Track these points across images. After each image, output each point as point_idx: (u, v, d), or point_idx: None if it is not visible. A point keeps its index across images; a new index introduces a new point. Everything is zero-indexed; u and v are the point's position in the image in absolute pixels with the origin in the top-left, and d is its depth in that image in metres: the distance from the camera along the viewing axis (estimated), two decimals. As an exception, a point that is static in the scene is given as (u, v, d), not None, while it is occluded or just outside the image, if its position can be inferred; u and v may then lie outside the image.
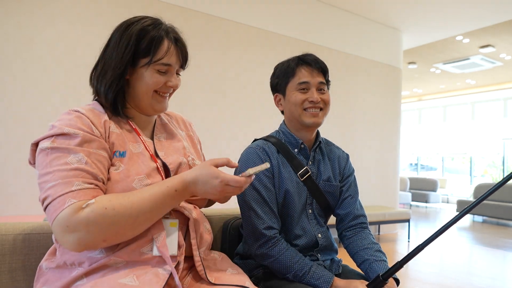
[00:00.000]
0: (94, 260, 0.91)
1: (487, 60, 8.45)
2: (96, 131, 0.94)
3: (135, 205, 0.87)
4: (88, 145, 0.91)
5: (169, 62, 1.02)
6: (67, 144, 0.89)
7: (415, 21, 6.05)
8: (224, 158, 0.99)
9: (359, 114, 5.82)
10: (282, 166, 1.37)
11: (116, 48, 0.99)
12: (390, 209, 5.53)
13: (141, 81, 1.01)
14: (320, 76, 1.39)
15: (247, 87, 4.57)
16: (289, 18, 5.02)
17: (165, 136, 1.12)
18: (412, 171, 14.64)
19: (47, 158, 0.88)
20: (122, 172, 0.94)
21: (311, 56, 1.40)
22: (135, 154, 0.99)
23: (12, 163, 3.14)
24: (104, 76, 1.00)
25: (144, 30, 1.00)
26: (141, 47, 0.99)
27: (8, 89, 3.14)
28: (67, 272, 0.94)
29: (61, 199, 0.83)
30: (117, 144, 0.97)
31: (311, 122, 1.37)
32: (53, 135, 0.90)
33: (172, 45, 1.03)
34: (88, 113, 0.97)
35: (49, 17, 3.33)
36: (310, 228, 1.38)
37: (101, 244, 0.87)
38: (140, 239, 0.93)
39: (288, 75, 1.39)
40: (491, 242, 6.03)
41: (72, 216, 0.82)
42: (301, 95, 1.37)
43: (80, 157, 0.88)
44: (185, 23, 4.08)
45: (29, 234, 1.13)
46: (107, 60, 1.00)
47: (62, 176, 0.85)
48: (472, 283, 3.71)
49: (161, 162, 1.03)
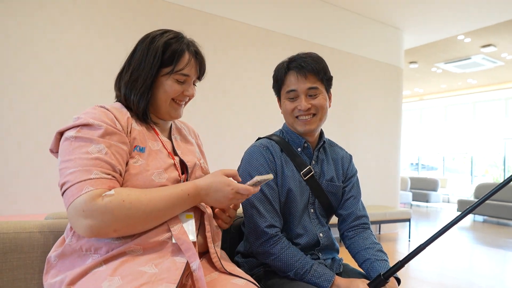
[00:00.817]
0: (112, 246, 0.94)
1: (489, 59, 8.43)
2: (119, 126, 1.00)
3: (151, 202, 0.93)
4: (109, 137, 0.97)
5: (188, 73, 1.10)
6: (90, 134, 0.95)
7: (416, 20, 6.04)
8: (233, 170, 1.08)
9: (360, 113, 5.81)
10: (285, 165, 1.36)
11: (144, 59, 1.08)
12: (390, 209, 5.53)
13: (161, 89, 1.09)
14: (308, 80, 1.32)
15: (247, 86, 4.57)
16: (290, 17, 5.02)
17: (180, 138, 1.21)
18: (413, 170, 14.63)
19: (71, 146, 0.94)
20: (142, 166, 1.00)
21: (299, 60, 1.34)
22: (154, 151, 1.05)
23: (12, 162, 3.14)
24: (134, 85, 1.08)
25: (167, 43, 1.08)
26: (165, 58, 1.08)
27: (8, 88, 3.14)
28: (79, 260, 0.95)
29: (79, 185, 0.88)
30: (138, 139, 1.04)
31: (303, 130, 1.37)
32: (78, 125, 0.96)
33: (192, 57, 1.11)
34: (112, 109, 1.04)
35: (49, 16, 3.33)
36: (312, 228, 1.38)
37: (111, 234, 0.91)
38: (158, 228, 0.97)
39: (279, 83, 1.39)
40: (492, 241, 6.02)
41: (90, 202, 0.87)
42: (291, 104, 1.36)
43: (101, 147, 0.94)
44: (185, 22, 4.08)
45: (30, 232, 1.13)
46: (135, 70, 1.08)
47: (82, 164, 0.91)
48: (472, 282, 3.71)
49: (178, 159, 1.11)
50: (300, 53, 1.38)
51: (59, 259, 0.98)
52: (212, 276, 1.04)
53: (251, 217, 1.28)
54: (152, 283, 0.88)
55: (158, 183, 1.01)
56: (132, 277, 0.88)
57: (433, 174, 13.83)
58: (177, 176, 1.06)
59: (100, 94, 3.48)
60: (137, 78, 1.07)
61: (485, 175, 13.15)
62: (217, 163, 3.07)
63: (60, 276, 0.95)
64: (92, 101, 3.44)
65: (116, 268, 0.90)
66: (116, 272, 0.89)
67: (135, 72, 1.08)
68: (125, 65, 1.13)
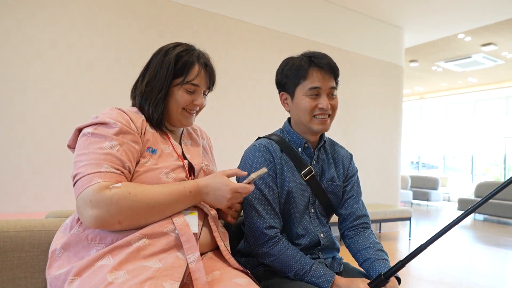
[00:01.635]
0: (117, 236, 0.97)
1: (489, 58, 8.42)
2: (133, 127, 1.07)
3: (155, 196, 0.98)
4: (123, 136, 1.03)
5: (197, 83, 1.16)
6: (106, 132, 1.02)
7: (417, 19, 6.03)
8: (233, 169, 1.12)
9: (361, 112, 5.81)
10: (285, 165, 1.35)
11: (158, 71, 1.14)
12: (391, 207, 5.53)
13: (173, 99, 1.16)
14: (331, 80, 1.33)
15: (247, 85, 4.56)
16: (291, 16, 5.01)
17: (191, 143, 1.28)
18: (414, 169, 14.62)
19: (86, 142, 1.01)
20: (151, 164, 1.06)
21: (325, 59, 1.32)
22: (164, 154, 1.12)
23: (13, 160, 3.14)
24: (149, 96, 1.14)
25: (179, 55, 1.15)
26: (176, 69, 1.14)
27: (8, 86, 3.14)
28: (84, 251, 0.97)
29: (89, 177, 0.94)
30: (151, 141, 1.10)
31: (319, 129, 1.34)
32: (96, 123, 1.03)
33: (202, 69, 1.17)
34: (128, 112, 1.10)
35: (50, 14, 3.33)
36: (312, 228, 1.37)
37: (116, 226, 0.95)
38: (162, 220, 1.01)
39: (300, 77, 1.31)
40: (492, 240, 6.02)
41: (97, 193, 0.92)
42: (311, 101, 1.31)
43: (114, 144, 1.00)
44: (185, 20, 4.08)
45: (31, 231, 1.13)
46: (151, 81, 1.15)
47: (94, 158, 0.97)
48: (473, 281, 3.71)
49: (187, 162, 1.17)
50: (314, 51, 1.35)
51: (64, 251, 0.99)
52: (214, 275, 1.05)
53: (251, 218, 1.27)
54: (157, 278, 0.90)
55: (165, 181, 1.05)
56: (137, 272, 0.90)
57: (434, 173, 13.83)
58: (185, 177, 1.11)
59: (101, 92, 3.48)
60: (152, 89, 1.14)
61: (485, 173, 13.14)
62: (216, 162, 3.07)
63: (65, 268, 0.96)
64: (93, 99, 3.44)
65: (122, 262, 0.91)
66: (121, 266, 0.91)
67: (150, 84, 1.15)
68: (140, 76, 1.20)
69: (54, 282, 0.97)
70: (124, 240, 0.95)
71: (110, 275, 0.89)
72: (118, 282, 0.87)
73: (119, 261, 0.91)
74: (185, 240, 0.98)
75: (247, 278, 1.05)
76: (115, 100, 3.39)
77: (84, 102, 3.41)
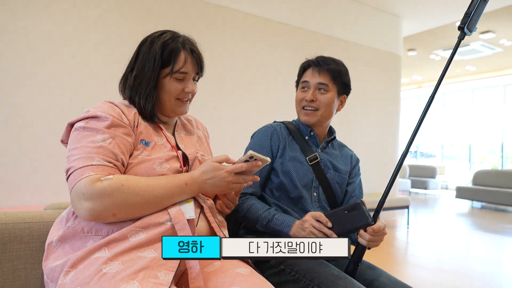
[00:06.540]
0: (112, 228, 0.97)
1: (487, 46, 8.39)
2: (125, 120, 1.06)
3: (149, 188, 0.97)
4: (115, 129, 1.02)
5: (186, 71, 1.14)
6: (97, 125, 1.01)
7: (415, 7, 5.99)
8: (223, 155, 1.08)
9: (359, 101, 5.80)
10: (288, 146, 1.45)
11: (146, 62, 1.13)
12: (389, 196, 5.53)
13: (163, 90, 1.14)
14: (321, 77, 1.45)
15: (244, 75, 4.54)
16: (287, 6, 4.96)
17: (184, 133, 1.26)
18: (412, 158, 14.68)
19: (78, 136, 1.00)
20: (145, 156, 1.05)
21: (321, 59, 1.47)
22: (158, 145, 1.11)
23: (10, 154, 3.14)
24: (139, 89, 1.12)
25: (165, 44, 1.13)
26: (163, 59, 1.12)
27: (3, 80, 3.12)
28: (80, 243, 0.97)
29: (82, 170, 0.94)
30: (144, 133, 1.09)
31: (303, 120, 1.48)
32: (88, 117, 1.02)
33: (188, 55, 1.15)
34: (120, 105, 1.10)
35: (44, 7, 3.29)
36: (312, 210, 1.39)
37: (110, 218, 0.95)
38: (158, 212, 1.00)
39: (299, 74, 1.54)
40: (490, 227, 6.08)
41: (89, 185, 0.91)
42: (301, 94, 1.49)
43: (106, 137, 1.00)
44: (181, 10, 4.04)
45: (30, 223, 1.13)
46: (139, 73, 1.13)
47: (86, 152, 0.96)
48: (470, 268, 3.75)
49: (181, 152, 1.15)
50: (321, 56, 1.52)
51: (60, 243, 1.00)
52: (215, 266, 1.04)
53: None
54: (152, 268, 0.90)
55: (159, 172, 1.04)
56: (132, 262, 0.90)
57: (432, 162, 13.88)
58: (179, 167, 1.09)
59: (96, 85, 3.46)
60: (141, 82, 1.12)
61: (483, 162, 13.20)
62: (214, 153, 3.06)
63: (61, 260, 0.96)
64: (88, 92, 3.43)
65: (117, 253, 0.92)
66: (116, 257, 0.91)
67: (139, 76, 1.13)
68: (127, 69, 1.18)
69: (51, 273, 0.97)
70: (121, 233, 0.95)
71: (105, 266, 0.89)
72: (112, 272, 0.88)
73: (114, 253, 0.91)
74: (180, 228, 0.97)
75: (249, 267, 1.05)
76: (112, 92, 3.37)
77: (80, 95, 3.39)
